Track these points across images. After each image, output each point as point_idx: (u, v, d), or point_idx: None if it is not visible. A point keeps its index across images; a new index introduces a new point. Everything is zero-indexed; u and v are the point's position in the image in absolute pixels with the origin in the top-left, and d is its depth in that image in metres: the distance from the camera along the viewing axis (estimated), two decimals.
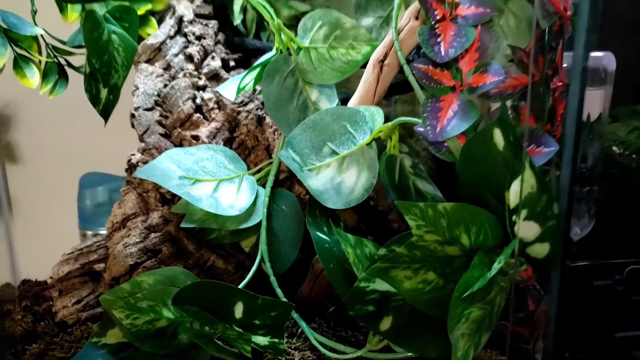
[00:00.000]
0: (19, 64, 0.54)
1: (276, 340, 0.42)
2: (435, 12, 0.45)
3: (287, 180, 0.56)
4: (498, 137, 0.38)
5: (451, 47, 0.43)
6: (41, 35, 0.56)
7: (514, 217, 0.38)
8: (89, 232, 0.68)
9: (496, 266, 0.38)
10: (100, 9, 0.51)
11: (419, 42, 0.44)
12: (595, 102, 0.64)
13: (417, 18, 0.47)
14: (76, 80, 0.60)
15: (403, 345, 0.43)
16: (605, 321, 0.60)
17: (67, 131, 0.75)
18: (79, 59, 0.61)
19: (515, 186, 0.37)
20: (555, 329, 0.39)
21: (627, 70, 0.67)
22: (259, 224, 0.51)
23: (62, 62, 0.58)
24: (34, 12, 0.56)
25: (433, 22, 0.45)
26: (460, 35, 0.43)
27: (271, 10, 0.50)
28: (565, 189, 0.37)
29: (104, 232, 0.69)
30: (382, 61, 0.49)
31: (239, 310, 0.41)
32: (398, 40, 0.47)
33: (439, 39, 0.44)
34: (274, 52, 0.52)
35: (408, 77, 0.45)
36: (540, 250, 0.38)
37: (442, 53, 0.43)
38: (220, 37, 0.61)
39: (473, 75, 0.43)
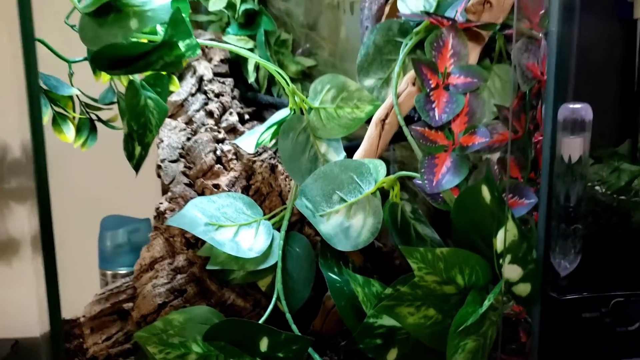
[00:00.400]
0: (57, 121, 0.62)
1: None
2: (430, 81, 0.54)
3: (297, 223, 0.64)
4: (485, 192, 0.46)
5: (444, 112, 0.52)
6: (76, 95, 0.65)
7: (500, 261, 0.47)
8: (109, 272, 0.75)
9: (487, 303, 0.46)
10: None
11: (416, 108, 0.53)
12: (576, 147, 0.73)
13: (414, 84, 0.57)
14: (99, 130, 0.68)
15: None
16: (592, 350, 0.67)
17: (88, 177, 0.83)
18: (105, 113, 0.70)
19: (500, 234, 0.46)
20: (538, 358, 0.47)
21: (604, 116, 0.76)
22: (275, 265, 0.58)
23: (93, 117, 0.67)
24: (71, 75, 0.64)
25: (428, 90, 0.54)
26: (452, 101, 0.53)
27: (287, 77, 0.59)
28: (542, 235, 0.45)
29: (122, 272, 0.76)
30: (384, 120, 0.58)
31: (264, 344, 0.48)
32: (397, 105, 0.56)
33: (433, 105, 0.53)
34: (288, 111, 0.61)
35: (407, 137, 0.54)
36: (523, 289, 0.46)
37: (437, 118, 0.52)
38: (236, 92, 0.70)
39: (463, 136, 0.52)
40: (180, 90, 0.66)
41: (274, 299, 0.57)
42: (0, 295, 0.84)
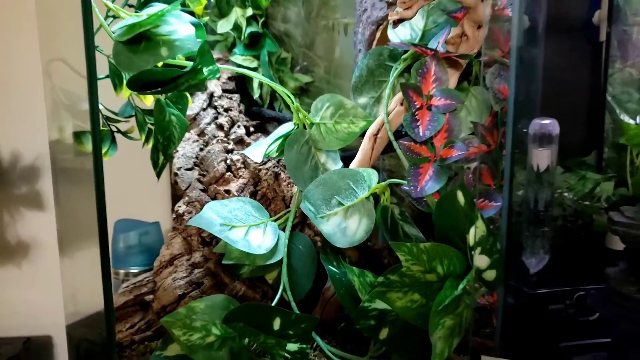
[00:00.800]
0: (79, 134, 0.74)
1: (304, 346, 0.61)
2: (415, 103, 0.68)
3: (299, 224, 0.77)
4: (460, 197, 0.60)
5: (427, 129, 0.66)
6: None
7: (473, 252, 0.60)
8: (121, 271, 0.87)
9: (461, 287, 0.59)
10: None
11: (404, 125, 0.67)
12: (544, 158, 0.88)
13: (402, 104, 0.70)
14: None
15: (396, 349, 0.63)
16: (557, 337, 0.81)
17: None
18: (122, 125, 0.82)
19: (472, 231, 0.59)
20: (500, 341, 0.61)
21: (574, 129, 0.91)
22: (281, 260, 0.71)
23: (113, 129, 0.78)
24: None
25: (413, 110, 0.68)
26: (434, 120, 0.66)
27: (292, 97, 0.72)
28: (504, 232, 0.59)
29: (133, 270, 0.88)
30: (376, 135, 0.71)
31: (276, 324, 0.61)
32: (388, 122, 0.69)
33: (418, 123, 0.66)
34: (291, 125, 0.74)
35: (396, 149, 0.68)
36: (490, 275, 0.59)
37: (421, 134, 0.66)
38: (242, 107, 0.83)
39: (443, 149, 0.66)
40: (192, 105, 0.79)
41: (280, 290, 0.69)
42: (11, 296, 0.95)
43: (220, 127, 0.78)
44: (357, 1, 0.83)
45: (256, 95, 0.83)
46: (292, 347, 0.61)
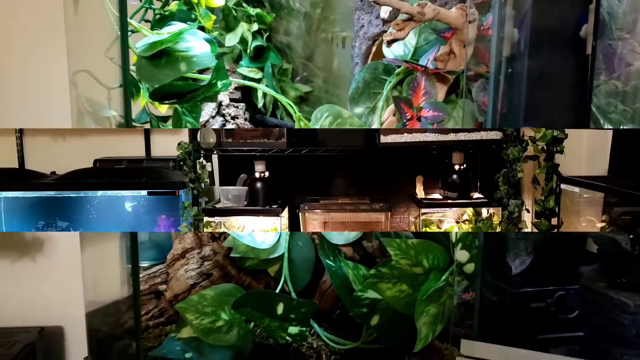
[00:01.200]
0: None
1: (304, 329, 0.72)
2: (406, 114, 0.78)
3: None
4: None
5: None
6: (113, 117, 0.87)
7: (455, 248, 0.71)
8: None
9: (444, 278, 0.69)
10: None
11: None
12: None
13: (394, 115, 0.81)
14: None
15: (386, 334, 0.73)
16: (537, 331, 0.91)
17: None
18: None
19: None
20: (478, 331, 0.71)
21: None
22: (282, 255, 0.81)
23: None
24: (109, 99, 0.86)
25: (405, 120, 0.78)
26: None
27: (295, 107, 0.82)
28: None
29: (144, 264, 0.97)
30: None
31: (280, 308, 0.71)
32: None
33: None
34: None
35: None
36: (470, 268, 0.70)
37: None
38: (247, 115, 0.93)
39: None
40: (203, 113, 0.89)
41: (281, 282, 0.79)
42: (27, 289, 1.05)
43: None
44: (355, 17, 0.93)
45: (260, 104, 0.94)
46: (293, 330, 0.71)
